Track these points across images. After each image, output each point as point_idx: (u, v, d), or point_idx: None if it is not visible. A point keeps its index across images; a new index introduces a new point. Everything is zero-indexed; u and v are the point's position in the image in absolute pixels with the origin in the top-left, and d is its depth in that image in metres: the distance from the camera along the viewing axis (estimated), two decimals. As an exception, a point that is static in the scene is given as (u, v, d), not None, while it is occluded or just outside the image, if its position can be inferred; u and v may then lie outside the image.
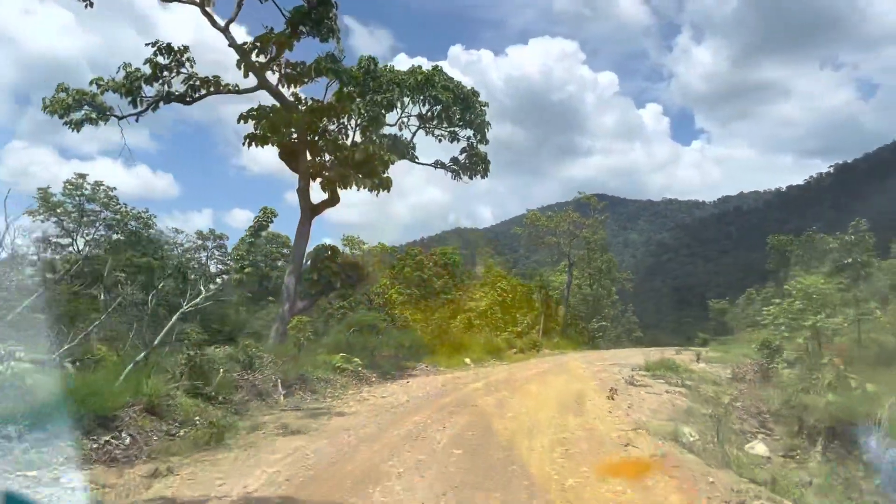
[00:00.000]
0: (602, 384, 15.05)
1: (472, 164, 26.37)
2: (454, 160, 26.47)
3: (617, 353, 31.37)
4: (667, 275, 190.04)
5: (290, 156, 21.52)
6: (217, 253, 42.39)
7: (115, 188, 29.89)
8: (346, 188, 21.01)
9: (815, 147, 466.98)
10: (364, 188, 21.17)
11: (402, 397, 13.33)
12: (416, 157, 26.08)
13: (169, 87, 18.55)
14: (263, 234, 30.95)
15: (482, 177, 26.72)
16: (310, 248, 21.69)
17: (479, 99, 25.35)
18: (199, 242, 33.56)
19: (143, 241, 30.98)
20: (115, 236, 30.77)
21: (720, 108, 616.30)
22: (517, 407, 11.74)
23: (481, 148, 25.98)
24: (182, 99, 18.96)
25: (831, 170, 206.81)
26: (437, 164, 26.74)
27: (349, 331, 28.22)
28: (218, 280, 33.82)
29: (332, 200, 21.78)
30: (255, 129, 20.86)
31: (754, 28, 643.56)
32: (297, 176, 21.25)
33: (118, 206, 30.40)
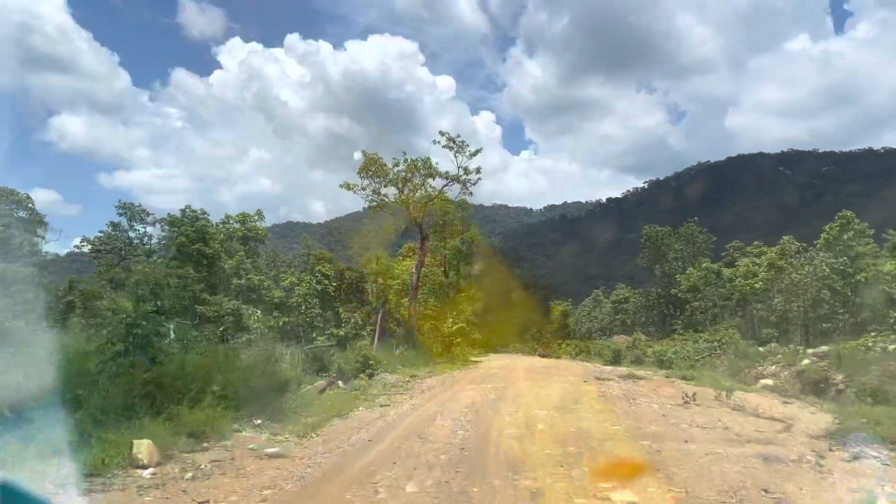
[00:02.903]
0: None
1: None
2: None
3: (522, 380, 16.32)
4: (495, 278, 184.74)
5: None
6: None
7: None
8: None
9: (631, 164, 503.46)
10: None
11: None
12: None
13: None
14: None
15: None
16: None
17: None
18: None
19: None
20: None
21: (548, 121, 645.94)
22: None
23: None
24: None
25: (646, 185, 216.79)
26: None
27: None
28: None
29: None
30: None
31: (581, 48, 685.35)
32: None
33: None
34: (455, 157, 28.76)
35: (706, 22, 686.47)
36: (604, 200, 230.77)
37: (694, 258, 45.68)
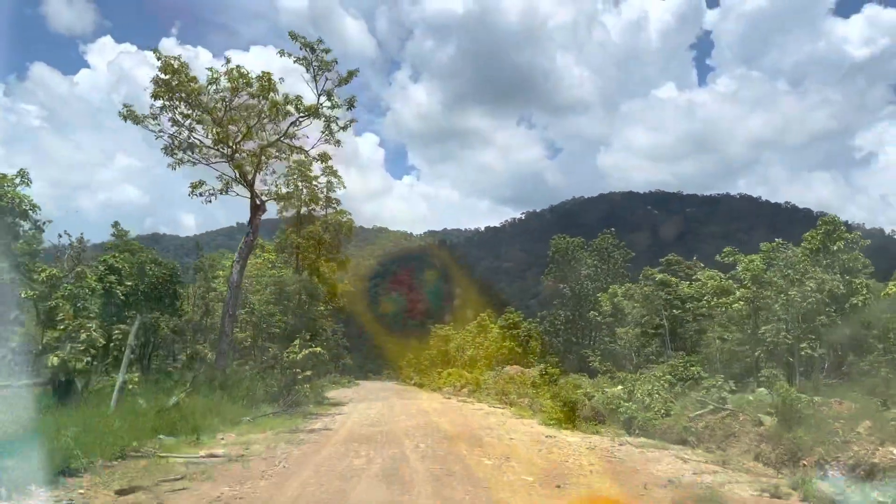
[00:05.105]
0: None
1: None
2: None
3: None
4: (371, 300, 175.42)
5: None
6: None
7: None
8: None
9: (509, 195, 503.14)
10: None
11: None
12: None
13: None
14: None
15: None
16: None
17: None
18: None
19: None
20: None
21: (431, 148, 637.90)
22: None
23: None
24: None
25: (523, 216, 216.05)
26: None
27: None
28: None
29: None
30: None
31: (465, 78, 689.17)
32: None
33: None
34: (314, 79, 17.10)
35: (583, 64, 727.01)
36: (482, 229, 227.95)
37: (610, 276, 37.02)
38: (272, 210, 26.64)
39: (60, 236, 32.39)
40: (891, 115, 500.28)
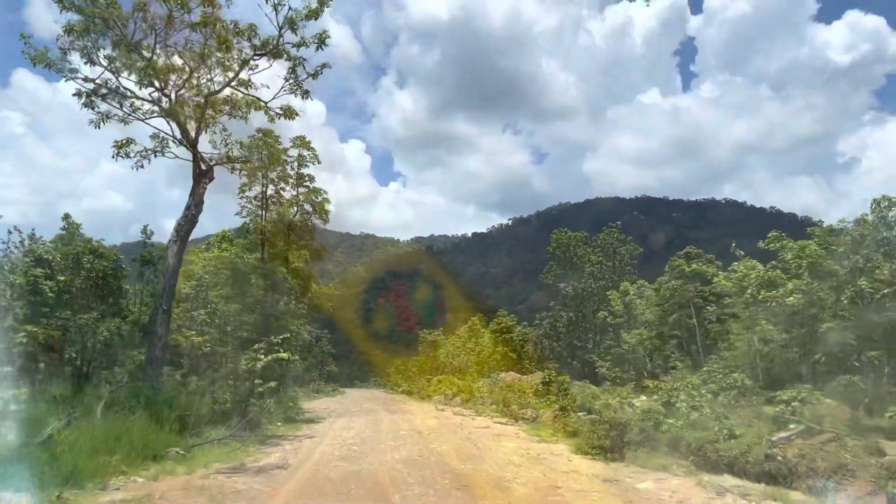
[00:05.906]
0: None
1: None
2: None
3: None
4: (359, 306, 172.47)
5: None
6: None
7: None
8: None
9: (496, 201, 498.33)
10: None
11: None
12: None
13: None
14: None
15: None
16: None
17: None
18: None
19: None
20: None
21: (417, 154, 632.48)
22: None
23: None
24: None
25: (510, 222, 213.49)
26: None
27: None
28: None
29: None
30: None
31: (451, 84, 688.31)
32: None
33: None
34: (275, 10, 13.11)
35: (568, 70, 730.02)
36: (469, 235, 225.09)
37: (616, 274, 33.33)
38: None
39: (10, 232, 27.78)
40: (873, 120, 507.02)
